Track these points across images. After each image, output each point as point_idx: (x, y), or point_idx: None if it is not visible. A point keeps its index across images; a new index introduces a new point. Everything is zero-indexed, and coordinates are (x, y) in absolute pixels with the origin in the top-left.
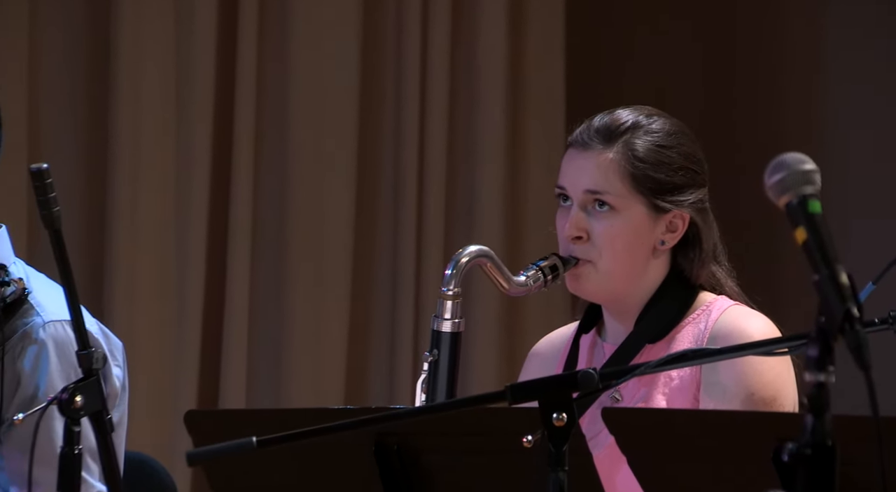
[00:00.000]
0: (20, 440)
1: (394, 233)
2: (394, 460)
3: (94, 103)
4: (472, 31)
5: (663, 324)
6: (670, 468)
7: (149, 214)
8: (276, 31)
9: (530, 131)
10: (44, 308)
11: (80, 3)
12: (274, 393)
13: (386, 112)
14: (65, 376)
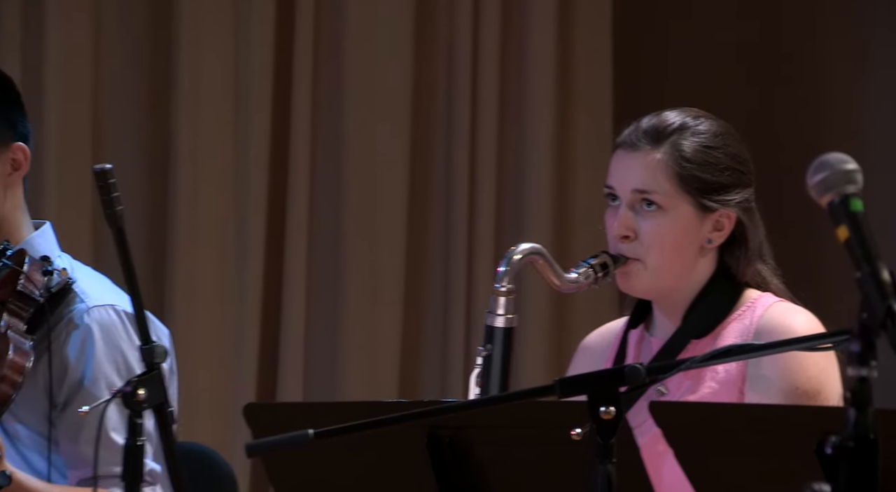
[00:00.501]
0: (70, 425)
1: (446, 230)
2: (446, 452)
3: (155, 103)
4: (521, 31)
5: (710, 320)
6: (715, 461)
7: (208, 212)
8: (331, 29)
9: (579, 131)
10: (88, 295)
11: (142, 3)
12: (329, 387)
13: (437, 112)
14: (111, 358)
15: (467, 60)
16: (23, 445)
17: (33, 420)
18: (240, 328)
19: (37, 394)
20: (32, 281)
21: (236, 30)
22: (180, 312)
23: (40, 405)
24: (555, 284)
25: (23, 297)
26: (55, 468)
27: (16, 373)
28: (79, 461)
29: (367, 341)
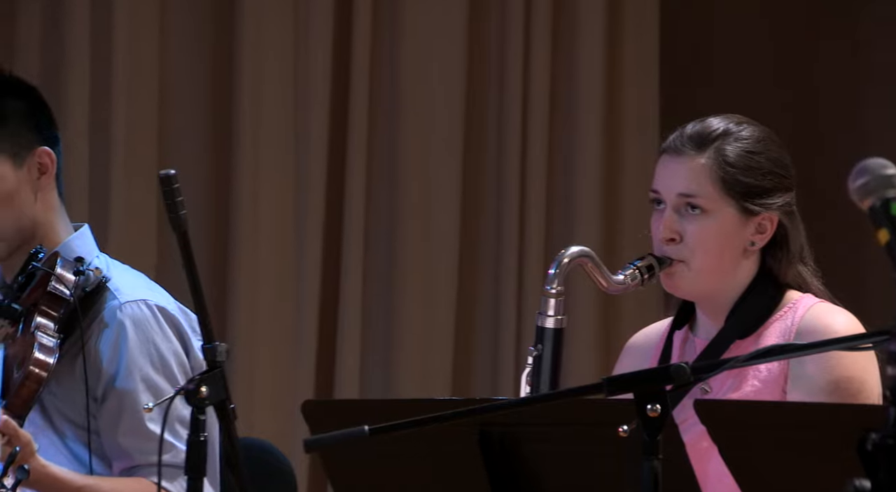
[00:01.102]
0: (108, 418)
1: (497, 233)
2: (497, 448)
3: (217, 108)
4: (570, 43)
5: (752, 320)
6: (758, 457)
7: (268, 215)
8: (386, 37)
9: (626, 137)
10: (120, 291)
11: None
12: (385, 385)
13: (489, 118)
14: (145, 352)
15: (518, 70)
16: (68, 438)
17: (74, 414)
18: (298, 328)
19: (76, 388)
20: (63, 282)
21: (296, 34)
22: (242, 313)
23: (80, 399)
24: (602, 286)
25: (54, 298)
26: (100, 458)
27: (41, 370)
28: (119, 453)
29: (420, 341)
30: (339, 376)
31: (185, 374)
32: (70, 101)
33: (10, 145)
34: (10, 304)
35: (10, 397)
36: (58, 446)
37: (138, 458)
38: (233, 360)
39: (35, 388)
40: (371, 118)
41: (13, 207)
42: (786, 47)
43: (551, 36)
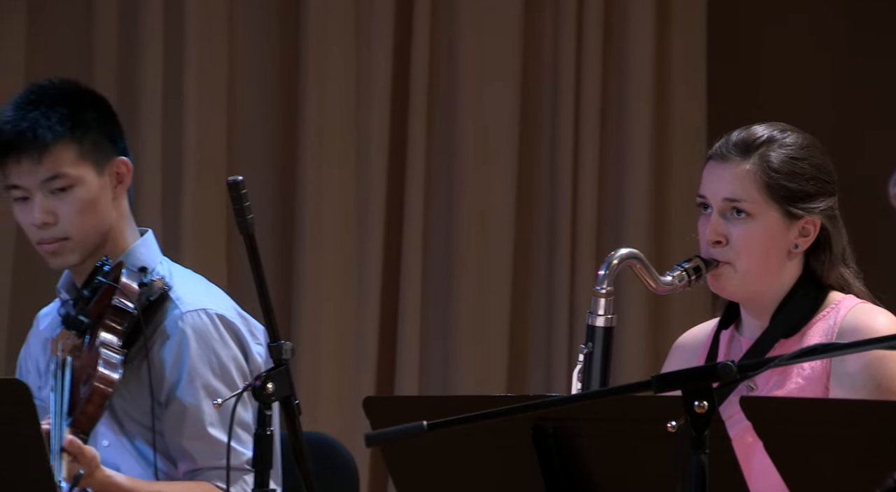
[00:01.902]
0: (172, 422)
1: (550, 237)
2: (550, 443)
3: (283, 116)
4: (621, 56)
5: (796, 320)
6: (802, 452)
7: (331, 217)
8: (445, 37)
9: (674, 144)
10: (182, 301)
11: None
12: (443, 382)
13: (543, 125)
14: (205, 360)
15: (571, 70)
16: (135, 439)
17: (140, 416)
18: (360, 327)
19: (141, 392)
20: (128, 295)
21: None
22: (306, 313)
23: (145, 403)
24: (651, 287)
25: (118, 311)
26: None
27: (106, 386)
28: (183, 455)
29: (477, 340)
30: (400, 373)
31: (244, 378)
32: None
33: (92, 154)
34: (78, 316)
35: (77, 414)
36: (126, 446)
37: (201, 461)
38: (297, 357)
39: (101, 403)
40: (429, 117)
41: (96, 214)
42: (833, 61)
43: (602, 36)
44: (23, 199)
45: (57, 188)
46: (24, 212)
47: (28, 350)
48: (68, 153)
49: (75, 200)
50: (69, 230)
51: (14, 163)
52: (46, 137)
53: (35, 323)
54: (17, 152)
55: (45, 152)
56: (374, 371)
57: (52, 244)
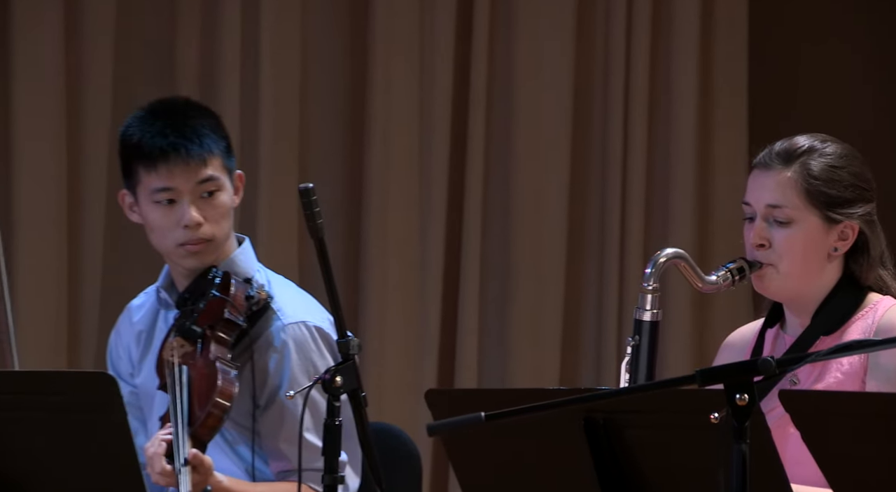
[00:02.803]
0: (270, 425)
1: (601, 236)
2: (600, 433)
3: (351, 126)
4: (668, 70)
5: (836, 319)
6: (836, 441)
7: (396, 224)
8: (501, 47)
9: (718, 153)
10: (284, 313)
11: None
12: (499, 375)
13: (594, 134)
14: (304, 369)
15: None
16: (233, 440)
17: (240, 417)
18: (423, 324)
19: (243, 396)
20: (237, 307)
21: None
22: (372, 311)
23: (245, 405)
24: (697, 286)
25: (228, 324)
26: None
27: (226, 399)
28: (278, 456)
29: (532, 336)
30: (460, 366)
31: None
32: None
33: (228, 163)
34: (191, 326)
35: (198, 427)
36: (223, 447)
37: (295, 463)
38: (364, 352)
39: (220, 417)
40: (487, 124)
41: (229, 219)
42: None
43: (650, 38)
44: (169, 201)
45: (206, 192)
46: (168, 215)
47: (119, 338)
48: (219, 160)
49: (220, 205)
50: (214, 232)
51: (176, 166)
52: (210, 144)
53: (126, 313)
54: (182, 156)
55: (208, 157)
56: (435, 365)
57: (198, 245)
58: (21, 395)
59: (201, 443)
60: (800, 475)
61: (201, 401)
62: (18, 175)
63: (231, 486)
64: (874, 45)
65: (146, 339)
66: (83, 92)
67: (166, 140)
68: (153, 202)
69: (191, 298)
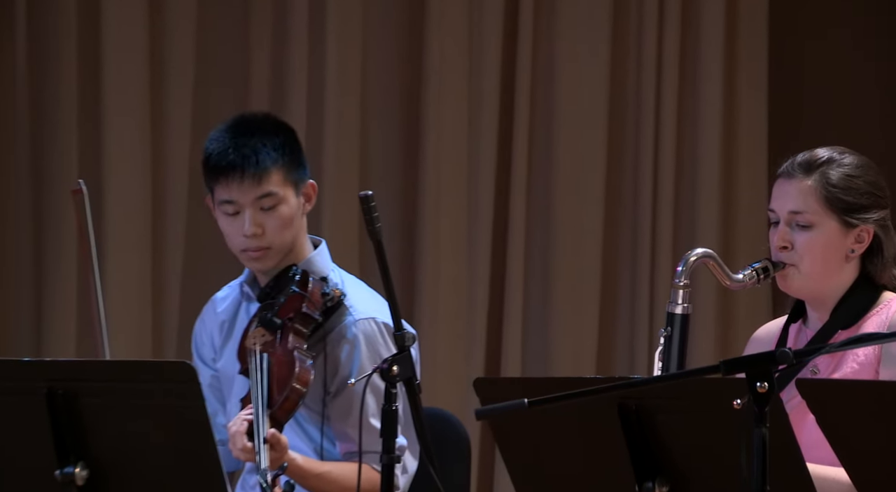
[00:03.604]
0: (339, 410)
1: (634, 238)
2: (633, 418)
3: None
4: (694, 93)
5: (853, 315)
6: (847, 425)
7: (447, 228)
8: (544, 63)
9: (741, 164)
10: (355, 309)
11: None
12: (542, 365)
13: (628, 146)
14: (372, 360)
15: (651, 112)
16: (305, 421)
17: (312, 402)
18: (472, 319)
19: (315, 383)
20: (314, 303)
21: (470, 44)
22: (426, 307)
23: (317, 391)
24: (725, 283)
25: (305, 317)
26: (328, 438)
27: (303, 385)
28: (345, 438)
29: (571, 329)
30: (505, 356)
31: None
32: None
33: (294, 177)
34: (272, 318)
35: (276, 409)
36: (295, 428)
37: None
38: (420, 343)
39: (297, 401)
40: (531, 136)
41: (291, 228)
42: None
43: (679, 52)
44: (234, 213)
45: (266, 206)
46: (233, 224)
47: (203, 325)
48: (279, 176)
49: (279, 216)
50: (272, 241)
51: (233, 182)
52: (266, 162)
53: (211, 304)
54: (239, 173)
55: (263, 174)
56: (483, 356)
57: (257, 252)
58: (111, 382)
59: (278, 423)
60: (815, 457)
61: (280, 386)
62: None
63: (303, 464)
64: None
65: (228, 328)
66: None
67: (227, 159)
68: (221, 212)
69: (272, 292)
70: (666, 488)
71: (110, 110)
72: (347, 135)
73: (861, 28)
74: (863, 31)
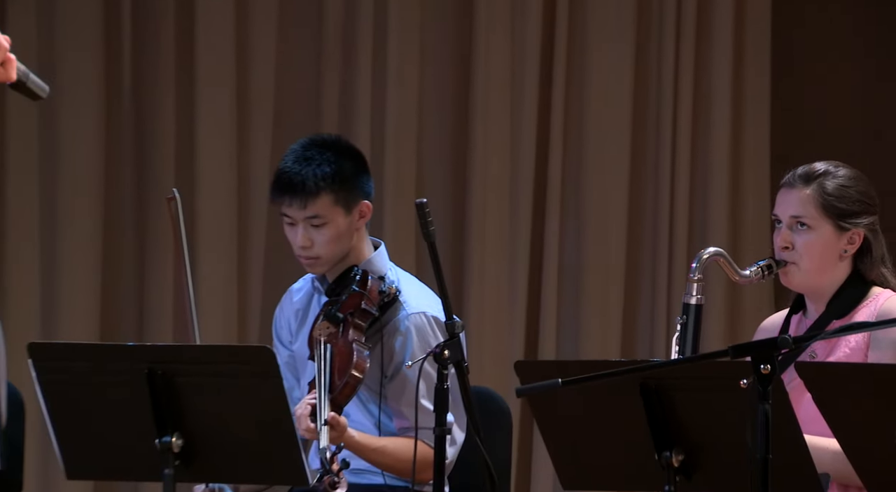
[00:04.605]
0: (394, 391)
1: (654, 238)
2: (653, 395)
3: (455, 151)
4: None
5: (846, 306)
6: (842, 403)
7: (491, 232)
8: (575, 88)
9: (747, 177)
10: (408, 304)
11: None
12: (573, 348)
13: (649, 157)
14: (422, 348)
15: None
16: (366, 400)
17: (372, 384)
18: (512, 309)
19: (374, 368)
20: (371, 299)
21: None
22: (473, 299)
23: (376, 375)
24: (734, 278)
25: (364, 313)
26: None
27: (360, 373)
28: (400, 415)
29: (598, 319)
30: (541, 342)
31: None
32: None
33: (345, 200)
34: (335, 313)
35: (336, 394)
36: (359, 405)
37: (412, 422)
38: (467, 331)
39: (355, 387)
40: (565, 158)
41: (340, 243)
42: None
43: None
44: (291, 224)
45: (315, 224)
46: (290, 233)
47: (282, 312)
48: (326, 200)
49: (327, 233)
50: (320, 253)
51: (287, 201)
52: (313, 190)
53: (289, 294)
54: (290, 195)
55: (310, 199)
56: (522, 341)
57: (308, 260)
58: (202, 364)
59: (338, 406)
60: (811, 431)
61: (340, 373)
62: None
63: (360, 440)
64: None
65: (302, 315)
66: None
67: (284, 182)
68: (283, 221)
69: (336, 289)
70: (681, 457)
71: (202, 131)
72: (405, 148)
73: (861, 48)
74: (863, 51)
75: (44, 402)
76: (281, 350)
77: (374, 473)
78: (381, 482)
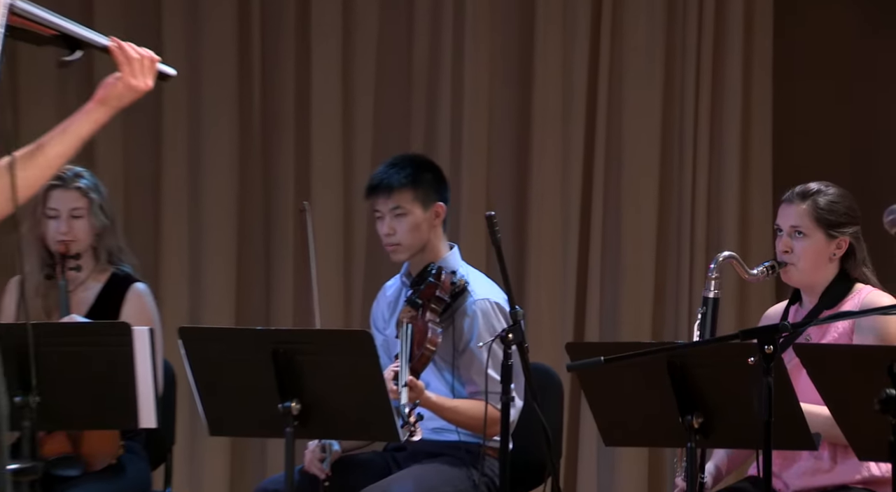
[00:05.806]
0: (464, 363)
1: (678, 244)
2: (678, 371)
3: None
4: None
5: (835, 299)
6: (832, 377)
7: (546, 237)
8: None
9: (754, 194)
10: (475, 293)
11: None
12: (613, 334)
13: (674, 170)
14: (487, 329)
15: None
16: (443, 370)
17: (446, 356)
18: (564, 299)
19: (447, 345)
20: (444, 289)
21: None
22: (532, 291)
23: (449, 350)
24: (744, 277)
25: (438, 300)
26: (459, 381)
27: (433, 346)
28: (471, 383)
29: (634, 305)
30: (588, 326)
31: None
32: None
33: (422, 198)
34: (415, 299)
35: (415, 362)
36: (436, 373)
37: (480, 387)
38: (528, 318)
39: (429, 357)
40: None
41: (418, 233)
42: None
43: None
44: (380, 217)
45: (397, 214)
46: (379, 225)
47: (378, 304)
48: (406, 196)
49: (406, 223)
50: (401, 240)
51: (375, 197)
52: (396, 185)
53: (383, 290)
54: (379, 190)
55: (394, 192)
56: (572, 326)
57: (390, 246)
58: (316, 344)
59: (416, 372)
60: (807, 399)
61: (418, 346)
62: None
63: (437, 400)
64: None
65: (393, 307)
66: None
67: (375, 181)
68: (375, 217)
69: (417, 281)
70: (700, 420)
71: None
72: (477, 163)
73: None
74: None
75: (191, 374)
76: (377, 336)
77: (451, 431)
78: (455, 439)
